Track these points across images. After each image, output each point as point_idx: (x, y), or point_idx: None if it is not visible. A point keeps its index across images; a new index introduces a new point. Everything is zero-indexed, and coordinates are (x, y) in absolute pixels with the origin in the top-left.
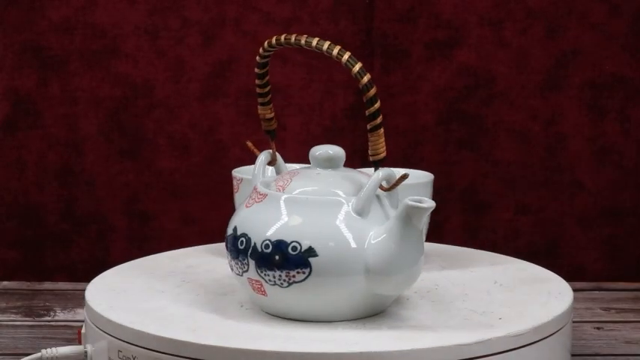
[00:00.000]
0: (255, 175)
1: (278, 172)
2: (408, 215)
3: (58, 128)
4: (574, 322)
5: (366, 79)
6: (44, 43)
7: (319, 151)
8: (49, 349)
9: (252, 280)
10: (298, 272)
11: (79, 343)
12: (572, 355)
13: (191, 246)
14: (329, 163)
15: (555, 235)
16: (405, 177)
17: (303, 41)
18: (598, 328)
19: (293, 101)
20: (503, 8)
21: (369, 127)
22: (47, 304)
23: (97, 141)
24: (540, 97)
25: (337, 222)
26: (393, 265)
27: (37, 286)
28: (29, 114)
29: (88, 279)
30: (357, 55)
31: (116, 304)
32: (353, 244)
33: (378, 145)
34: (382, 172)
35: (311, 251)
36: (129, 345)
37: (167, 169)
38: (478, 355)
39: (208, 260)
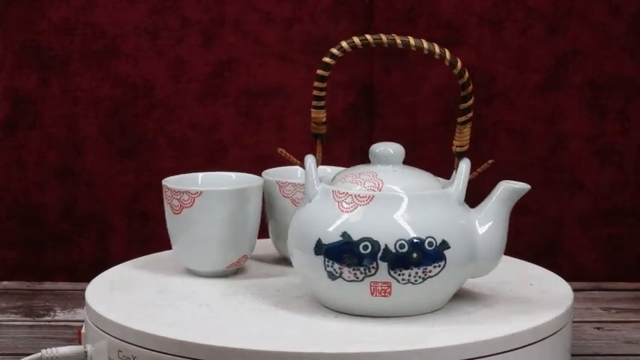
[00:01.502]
0: (312, 180)
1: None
2: (510, 198)
3: (58, 128)
4: (574, 322)
5: (466, 75)
6: (44, 43)
7: (379, 148)
8: (49, 349)
9: (377, 283)
10: (435, 266)
11: (79, 343)
12: (572, 355)
13: None
14: (391, 159)
15: (555, 235)
16: (490, 163)
17: (398, 41)
18: (598, 328)
19: (293, 101)
20: (503, 8)
21: (461, 120)
22: (47, 304)
23: (97, 141)
24: (540, 97)
25: (452, 213)
26: (500, 248)
27: (37, 286)
28: (29, 114)
29: (88, 279)
30: (357, 55)
31: (116, 304)
32: (471, 233)
33: (466, 137)
34: (466, 162)
35: (445, 244)
36: (129, 345)
37: (167, 169)
38: (478, 355)
39: None
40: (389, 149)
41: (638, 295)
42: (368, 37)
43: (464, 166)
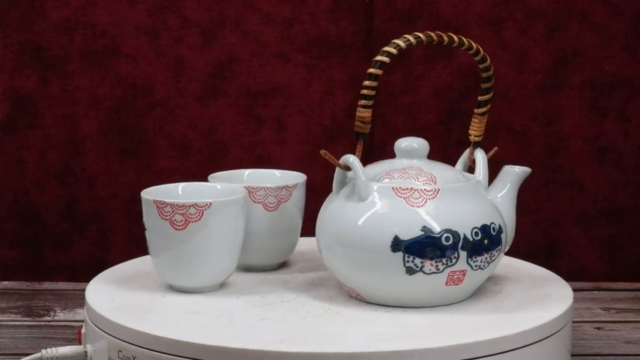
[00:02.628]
0: (364, 179)
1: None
2: (519, 179)
3: (58, 128)
4: (574, 322)
5: (492, 70)
6: (44, 43)
7: (405, 143)
8: (49, 349)
9: (454, 272)
10: (497, 250)
11: (79, 343)
12: (572, 355)
13: None
14: (417, 153)
15: (555, 235)
16: (496, 150)
17: (445, 38)
18: (598, 328)
19: (293, 101)
20: (503, 8)
21: (481, 111)
22: (47, 304)
23: (97, 141)
24: (540, 97)
25: (491, 200)
26: (514, 227)
27: (37, 286)
28: (29, 114)
29: (88, 279)
30: (357, 55)
31: (116, 304)
32: (504, 217)
33: (483, 127)
34: (482, 151)
35: (501, 230)
36: (129, 345)
37: (167, 169)
38: (478, 355)
39: None
40: (414, 144)
41: (638, 295)
42: (420, 34)
43: (481, 156)
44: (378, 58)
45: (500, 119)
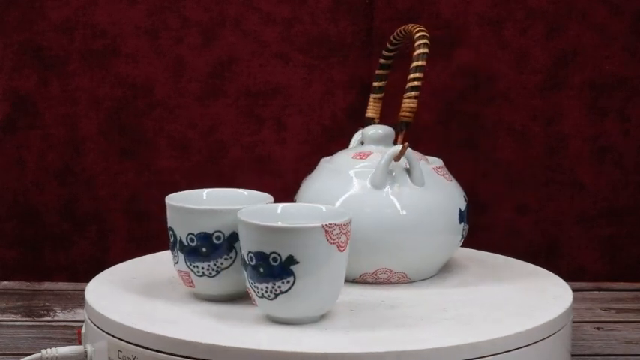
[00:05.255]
0: (421, 167)
1: None
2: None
3: (58, 128)
4: (574, 322)
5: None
6: (44, 43)
7: (372, 130)
8: (49, 349)
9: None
10: None
11: (79, 343)
12: (572, 355)
13: None
14: (384, 140)
15: (555, 235)
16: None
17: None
18: (598, 328)
19: (293, 101)
20: (503, 8)
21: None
22: (47, 304)
23: (97, 141)
24: (540, 97)
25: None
26: None
27: (37, 286)
28: (29, 114)
29: (88, 279)
30: (357, 55)
31: (116, 304)
32: None
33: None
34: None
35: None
36: (129, 345)
37: (167, 169)
38: (478, 355)
39: None
40: (379, 131)
41: (638, 295)
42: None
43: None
44: (426, 50)
45: (500, 119)
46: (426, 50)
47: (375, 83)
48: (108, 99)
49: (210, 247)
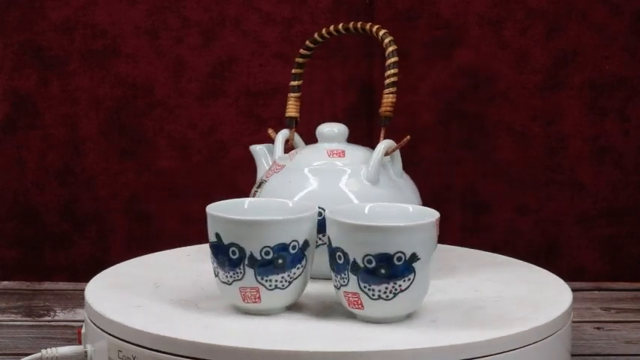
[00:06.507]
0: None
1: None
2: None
3: (58, 128)
4: (574, 322)
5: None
6: (44, 43)
7: (326, 128)
8: (49, 349)
9: None
10: None
11: (79, 343)
12: (572, 355)
13: (191, 246)
14: (337, 138)
15: (555, 235)
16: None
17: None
18: (598, 328)
19: None
20: (503, 8)
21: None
22: (47, 304)
23: (97, 141)
24: (540, 97)
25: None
26: None
27: (37, 286)
28: (29, 114)
29: (88, 279)
30: (357, 55)
31: (116, 304)
32: None
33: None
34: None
35: None
36: (129, 345)
37: (167, 169)
38: (478, 355)
39: (208, 260)
40: (334, 129)
41: (638, 295)
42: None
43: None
44: (395, 47)
45: (500, 119)
46: (395, 47)
47: (294, 83)
48: (108, 99)
49: (286, 258)
